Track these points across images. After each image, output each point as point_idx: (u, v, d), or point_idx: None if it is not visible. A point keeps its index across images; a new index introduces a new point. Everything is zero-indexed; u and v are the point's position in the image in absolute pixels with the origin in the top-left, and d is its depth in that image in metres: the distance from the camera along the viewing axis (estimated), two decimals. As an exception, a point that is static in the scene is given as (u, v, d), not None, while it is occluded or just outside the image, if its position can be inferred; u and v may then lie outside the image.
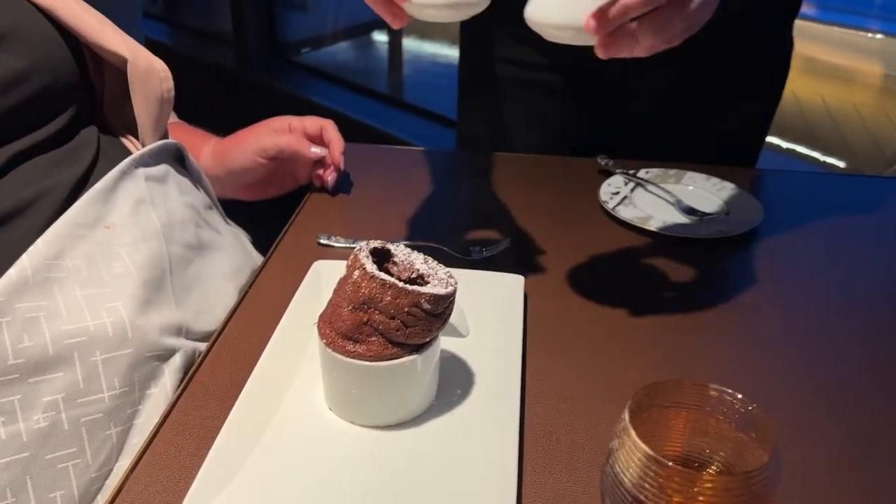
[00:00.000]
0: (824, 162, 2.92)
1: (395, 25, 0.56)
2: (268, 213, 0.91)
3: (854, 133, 3.13)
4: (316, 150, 0.83)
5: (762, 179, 0.93)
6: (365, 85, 2.80)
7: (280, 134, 0.83)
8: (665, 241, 0.77)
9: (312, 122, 0.85)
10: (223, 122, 0.94)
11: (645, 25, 0.50)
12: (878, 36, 3.78)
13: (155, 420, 0.54)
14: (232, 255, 0.73)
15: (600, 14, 0.49)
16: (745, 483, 0.38)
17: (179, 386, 0.57)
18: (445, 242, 0.75)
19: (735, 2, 0.87)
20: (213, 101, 2.98)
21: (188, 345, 0.59)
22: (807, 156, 2.98)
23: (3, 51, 0.57)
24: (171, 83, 0.68)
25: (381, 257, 0.53)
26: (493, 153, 0.97)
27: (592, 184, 0.87)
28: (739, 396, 0.43)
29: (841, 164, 2.91)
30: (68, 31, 0.63)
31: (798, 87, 3.50)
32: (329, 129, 0.85)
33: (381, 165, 0.94)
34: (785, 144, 3.05)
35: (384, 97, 2.77)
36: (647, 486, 0.39)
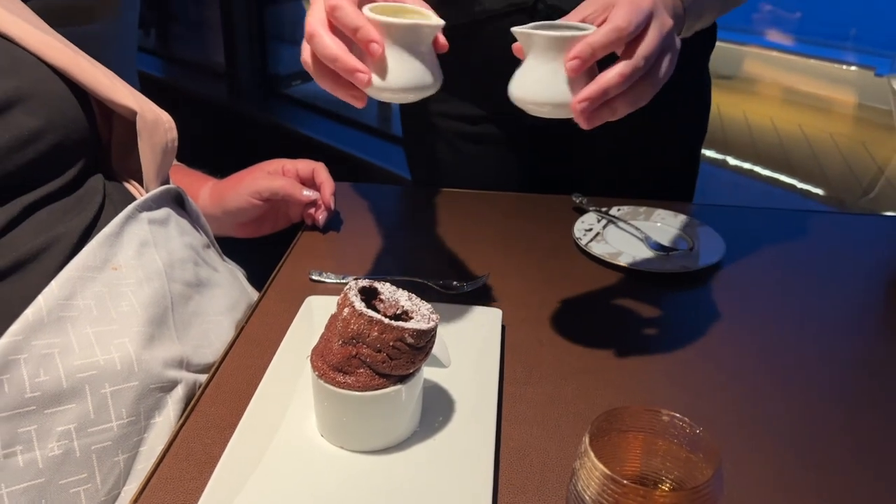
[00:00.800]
0: (802, 189, 3.00)
1: (358, 105, 0.61)
2: (262, 250, 0.96)
3: (831, 162, 3.21)
4: (308, 193, 0.88)
5: (726, 215, 0.98)
6: (353, 117, 2.87)
7: (274, 177, 0.88)
8: (633, 275, 0.83)
9: (305, 165, 0.91)
10: (216, 152, 0.99)
11: (621, 98, 0.57)
12: (853, 68, 3.89)
13: (159, 447, 0.58)
14: (228, 291, 0.77)
15: (585, 96, 0.55)
16: (692, 498, 0.43)
17: (182, 415, 0.61)
18: (428, 277, 0.80)
19: None
20: (206, 132, 3.05)
21: (189, 377, 0.64)
22: (785, 183, 3.06)
23: (20, 111, 0.61)
24: (175, 133, 0.74)
25: (369, 295, 0.58)
26: (474, 191, 1.03)
27: (567, 220, 0.93)
28: (688, 420, 0.47)
29: (819, 192, 2.99)
30: (80, 88, 0.68)
31: (777, 117, 3.60)
32: (320, 171, 0.91)
33: (368, 203, 1.00)
34: (764, 172, 3.13)
35: (372, 129, 2.83)
36: (604, 502, 0.44)
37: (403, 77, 0.58)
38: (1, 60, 0.63)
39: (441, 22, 0.58)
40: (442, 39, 0.60)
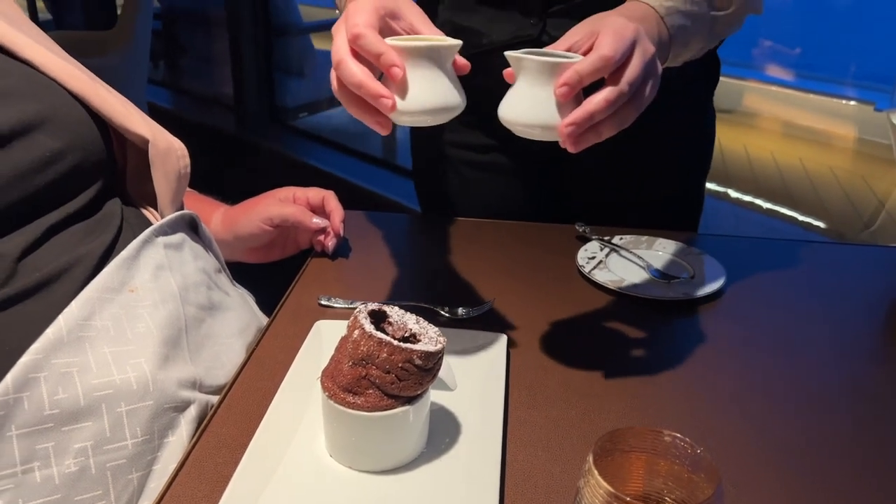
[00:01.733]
0: (803, 222, 3.02)
1: (383, 132, 0.63)
2: (271, 275, 0.97)
3: (831, 195, 3.24)
4: (317, 221, 0.91)
5: (727, 245, 1.00)
6: (359, 149, 2.91)
7: (285, 204, 0.91)
8: (636, 302, 0.84)
9: (315, 193, 0.93)
10: (224, 182, 1.01)
11: (606, 122, 0.59)
12: (853, 103, 3.94)
13: (172, 466, 0.60)
14: (239, 314, 0.79)
15: (572, 121, 0.58)
16: (693, 516, 0.44)
17: (194, 435, 0.63)
18: (435, 303, 0.82)
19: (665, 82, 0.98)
20: (214, 162, 3.09)
21: (202, 397, 0.65)
22: (786, 216, 3.08)
23: (42, 133, 0.64)
24: (187, 160, 0.76)
25: (378, 318, 0.60)
26: (480, 219, 1.05)
27: (570, 249, 0.95)
28: (689, 441, 0.49)
29: (820, 225, 3.01)
30: (97, 114, 0.71)
31: (777, 151, 3.63)
32: (330, 199, 0.93)
33: (376, 231, 1.02)
34: (765, 205, 3.16)
35: (377, 160, 2.87)
36: (608, 519, 0.45)
37: (426, 99, 0.60)
38: (24, 85, 0.65)
39: (458, 42, 0.61)
40: (462, 60, 0.63)
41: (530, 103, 0.60)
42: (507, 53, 0.61)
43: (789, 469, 0.61)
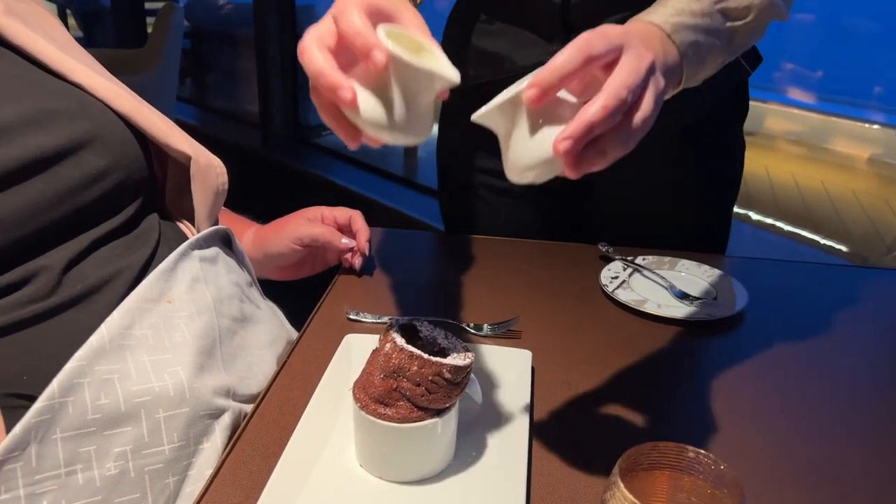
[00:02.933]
0: (825, 245, 3.00)
1: (351, 145, 0.57)
2: (299, 291, 1.00)
3: (854, 219, 3.22)
4: (346, 241, 0.93)
5: (749, 267, 1.01)
6: (381, 167, 2.94)
7: (314, 224, 0.93)
8: (658, 322, 0.85)
9: (342, 213, 0.95)
10: (249, 199, 1.03)
11: (609, 138, 0.52)
12: (876, 126, 3.92)
13: (206, 472, 0.62)
14: (269, 327, 0.81)
15: (567, 134, 0.50)
16: (717, 530, 0.46)
17: (228, 442, 0.65)
18: (460, 319, 0.84)
19: (688, 114, 0.98)
20: (239, 179, 3.13)
21: (235, 405, 0.67)
22: (808, 239, 3.07)
23: (90, 152, 0.67)
24: (225, 178, 0.79)
25: (409, 332, 0.62)
26: (503, 238, 1.07)
27: (593, 268, 0.96)
28: (712, 456, 0.50)
29: (842, 248, 2.99)
30: (140, 133, 0.74)
31: (799, 173, 3.63)
32: (357, 219, 0.95)
33: (403, 248, 1.04)
34: (786, 227, 3.15)
35: (399, 179, 2.90)
36: (634, 531, 0.46)
37: (398, 117, 0.53)
38: (73, 106, 0.68)
39: (457, 79, 0.53)
40: (446, 94, 0.56)
41: (519, 147, 0.53)
42: (475, 118, 0.55)
43: (811, 491, 0.62)
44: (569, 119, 0.51)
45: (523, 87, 0.51)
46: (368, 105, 0.52)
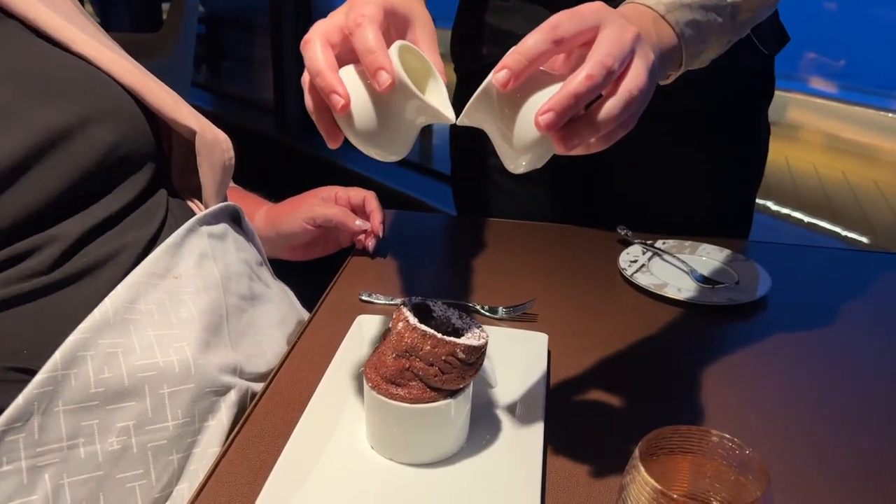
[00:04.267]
0: (846, 237, 2.96)
1: (330, 144, 0.56)
2: (311, 272, 0.98)
3: (876, 209, 3.17)
4: (359, 223, 0.91)
5: (772, 252, 0.98)
6: (397, 153, 2.92)
7: (328, 204, 0.91)
8: (679, 306, 0.83)
9: (356, 193, 0.93)
10: (264, 184, 1.02)
11: (600, 109, 0.49)
12: (899, 116, 3.85)
13: (211, 449, 0.60)
14: (279, 306, 0.79)
15: (549, 106, 0.48)
16: (743, 516, 0.43)
17: (234, 420, 0.63)
18: (475, 301, 0.82)
19: (708, 94, 0.94)
20: (255, 164, 3.12)
21: (242, 384, 0.66)
22: (829, 230, 3.02)
23: (98, 127, 0.65)
24: (232, 153, 0.77)
25: (423, 312, 0.60)
26: (519, 222, 1.04)
27: (612, 252, 0.94)
28: (737, 441, 0.48)
29: (863, 240, 2.94)
30: (146, 107, 0.72)
31: (819, 163, 3.57)
32: (371, 200, 0.93)
33: (416, 230, 1.02)
34: (806, 219, 3.10)
35: (414, 165, 2.88)
36: (654, 517, 0.44)
37: (384, 135, 0.53)
38: (79, 79, 0.67)
39: (453, 120, 0.53)
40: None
41: (509, 133, 0.51)
42: (458, 122, 0.53)
43: (838, 479, 0.59)
44: None
45: (492, 77, 0.49)
46: (358, 116, 0.52)
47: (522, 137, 0.51)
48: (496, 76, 0.49)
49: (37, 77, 0.63)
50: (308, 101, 0.55)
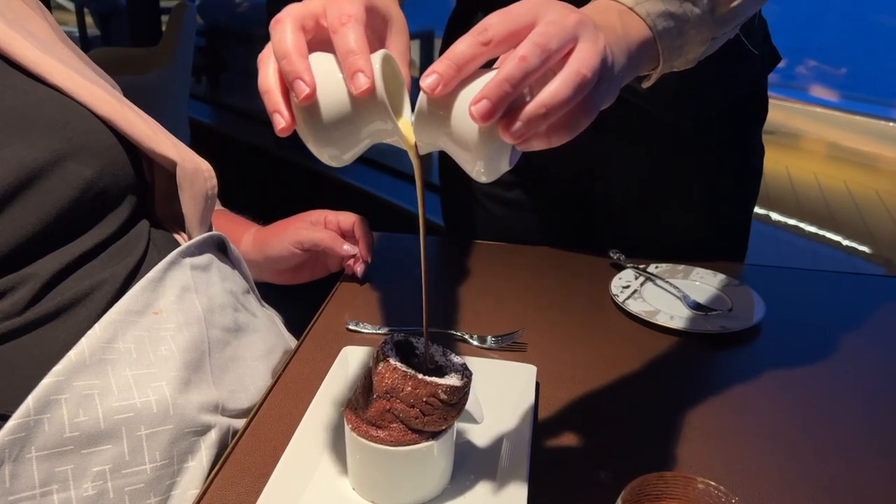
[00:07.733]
0: (847, 247, 2.94)
1: (280, 130, 0.52)
2: (299, 296, 0.97)
3: (877, 219, 3.15)
4: (348, 248, 0.90)
5: (767, 276, 0.97)
6: (394, 167, 2.91)
7: (316, 228, 0.90)
8: (671, 334, 0.82)
9: (346, 218, 0.92)
10: (261, 197, 1.01)
11: (547, 93, 0.46)
12: (900, 124, 3.84)
13: (191, 492, 0.59)
14: (265, 336, 0.78)
15: (483, 94, 0.45)
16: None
17: (214, 460, 0.62)
18: (464, 330, 0.80)
19: (695, 111, 0.93)
20: (252, 177, 3.12)
21: (223, 421, 0.64)
22: (830, 240, 3.01)
23: (74, 161, 0.64)
24: (214, 181, 0.76)
25: (405, 349, 0.58)
26: (510, 245, 1.03)
27: (604, 276, 0.93)
28: (723, 489, 0.46)
29: (865, 250, 2.92)
30: (125, 138, 0.71)
31: (820, 173, 3.55)
32: (360, 225, 0.92)
33: (406, 254, 1.01)
34: (809, 228, 3.08)
35: (412, 178, 2.87)
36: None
37: (341, 140, 0.51)
38: (55, 113, 0.65)
39: (411, 146, 0.53)
40: None
41: (459, 143, 0.48)
42: (421, 153, 0.52)
43: (832, 518, 0.58)
44: None
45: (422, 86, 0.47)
46: (323, 110, 0.49)
47: (467, 136, 0.47)
48: (424, 82, 0.46)
49: (11, 112, 0.62)
50: (264, 79, 0.51)
